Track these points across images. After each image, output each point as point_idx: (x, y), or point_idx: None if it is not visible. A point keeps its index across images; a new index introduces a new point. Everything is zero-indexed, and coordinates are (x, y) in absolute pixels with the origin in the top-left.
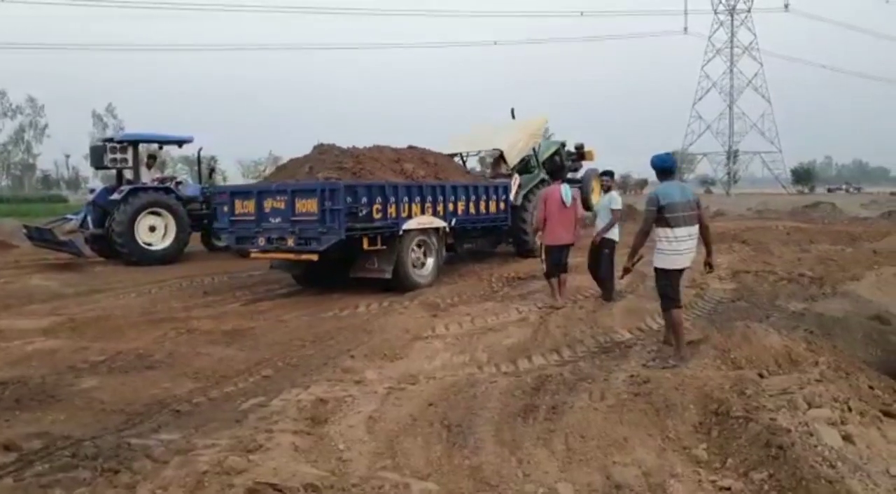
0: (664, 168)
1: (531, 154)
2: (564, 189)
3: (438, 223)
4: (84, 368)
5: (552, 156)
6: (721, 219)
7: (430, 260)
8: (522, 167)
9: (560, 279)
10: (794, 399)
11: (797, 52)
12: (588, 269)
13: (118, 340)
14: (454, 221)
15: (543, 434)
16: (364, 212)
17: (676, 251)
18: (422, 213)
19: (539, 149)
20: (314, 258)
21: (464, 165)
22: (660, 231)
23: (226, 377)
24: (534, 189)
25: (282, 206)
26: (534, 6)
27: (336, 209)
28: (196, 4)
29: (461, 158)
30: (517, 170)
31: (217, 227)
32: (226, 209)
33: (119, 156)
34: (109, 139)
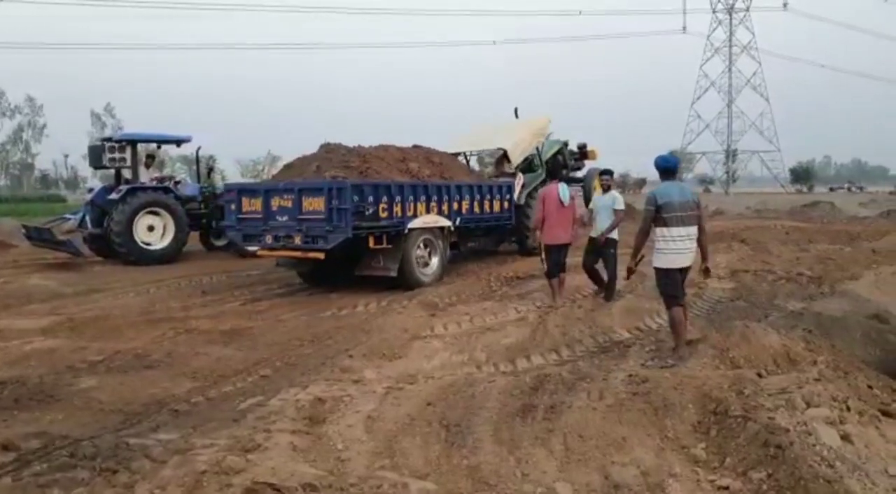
0: (667, 168)
1: (534, 153)
2: (562, 188)
3: (443, 222)
4: (82, 368)
5: (555, 155)
6: (720, 218)
7: (435, 259)
8: (526, 166)
9: (559, 278)
10: (793, 398)
11: (796, 52)
12: (583, 267)
13: (117, 340)
14: (459, 220)
15: (542, 433)
16: (370, 210)
17: (675, 250)
18: (427, 212)
19: (542, 148)
20: (321, 256)
21: (468, 165)
22: (657, 230)
23: (224, 376)
24: (537, 188)
25: (289, 205)
26: (533, 6)
27: (343, 208)
28: (196, 4)
29: (465, 158)
30: (520, 169)
31: (224, 225)
32: (233, 207)
33: (117, 155)
34: (108, 138)
